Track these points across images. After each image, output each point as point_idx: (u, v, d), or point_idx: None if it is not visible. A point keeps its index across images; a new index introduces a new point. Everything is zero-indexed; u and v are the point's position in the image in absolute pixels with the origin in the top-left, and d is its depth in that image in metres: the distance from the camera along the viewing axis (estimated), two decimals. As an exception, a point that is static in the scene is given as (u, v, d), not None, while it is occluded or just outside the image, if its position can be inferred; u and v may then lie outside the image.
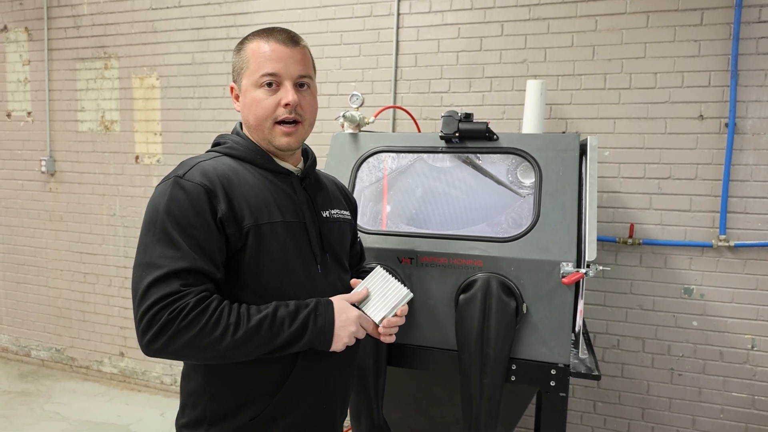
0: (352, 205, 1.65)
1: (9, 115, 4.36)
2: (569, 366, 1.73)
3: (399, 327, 1.44)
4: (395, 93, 3.28)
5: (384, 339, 1.42)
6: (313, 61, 1.43)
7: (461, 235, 1.86)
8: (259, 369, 1.28)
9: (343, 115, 2.15)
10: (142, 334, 1.15)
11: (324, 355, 1.33)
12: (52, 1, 4.10)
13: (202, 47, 3.70)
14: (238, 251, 1.26)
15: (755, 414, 2.79)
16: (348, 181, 2.05)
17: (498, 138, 1.98)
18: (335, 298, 1.34)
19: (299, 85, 1.35)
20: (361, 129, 2.23)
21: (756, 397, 2.78)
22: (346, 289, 1.46)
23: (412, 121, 2.92)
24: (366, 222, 2.03)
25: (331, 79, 3.39)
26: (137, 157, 3.98)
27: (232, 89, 1.40)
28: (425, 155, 2.09)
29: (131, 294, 1.20)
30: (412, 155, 2.11)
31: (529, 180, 1.98)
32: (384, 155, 2.13)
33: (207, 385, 1.31)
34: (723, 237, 2.72)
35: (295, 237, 1.34)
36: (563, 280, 1.65)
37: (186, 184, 1.23)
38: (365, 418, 1.89)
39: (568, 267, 1.69)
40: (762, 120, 2.66)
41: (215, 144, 1.43)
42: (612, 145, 2.88)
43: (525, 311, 1.74)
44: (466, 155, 2.05)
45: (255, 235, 1.26)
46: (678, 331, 2.87)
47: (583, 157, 1.93)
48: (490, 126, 1.98)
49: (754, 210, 2.70)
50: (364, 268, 1.68)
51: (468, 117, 1.99)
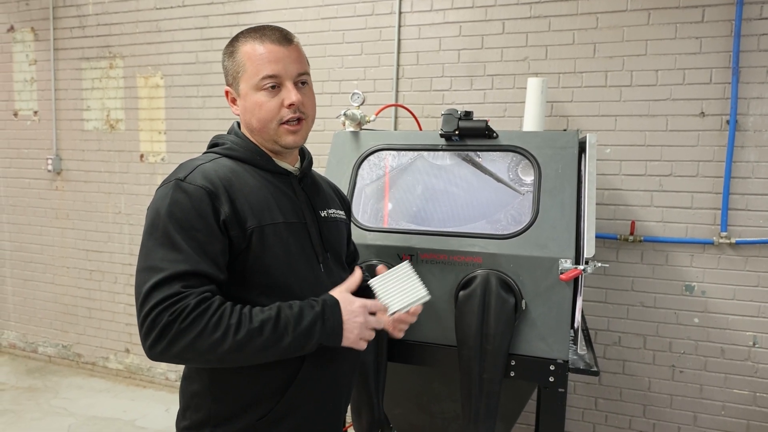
0: (346, 205, 1.66)
1: (16, 115, 4.40)
2: (568, 362, 1.74)
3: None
4: (397, 91, 3.29)
5: (393, 333, 1.43)
6: (305, 56, 1.43)
7: (461, 232, 1.87)
8: (266, 370, 1.28)
9: (344, 114, 2.17)
10: (144, 337, 1.14)
11: (332, 357, 1.34)
12: (57, 2, 4.13)
13: (205, 46, 3.72)
14: (241, 253, 1.25)
15: (757, 411, 2.79)
16: (349, 179, 2.07)
17: (497, 136, 1.99)
18: (338, 293, 1.31)
19: (300, 83, 1.35)
20: (362, 127, 2.25)
21: (757, 394, 2.78)
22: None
23: (413, 119, 2.93)
24: (367, 219, 2.05)
25: (333, 78, 3.41)
26: (142, 156, 4.01)
27: (227, 93, 1.39)
28: (425, 153, 2.11)
29: (135, 298, 1.18)
30: (412, 153, 2.12)
31: (530, 177, 1.99)
32: (385, 153, 2.14)
33: (212, 387, 1.30)
34: (724, 234, 2.72)
35: (298, 237, 1.35)
36: (561, 276, 1.67)
37: (188, 186, 1.23)
38: (366, 413, 1.91)
39: (566, 264, 1.70)
40: (763, 117, 2.66)
41: (213, 145, 1.42)
42: (613, 143, 2.89)
43: (524, 307, 1.76)
44: (466, 153, 2.07)
45: (258, 237, 1.26)
46: (679, 328, 2.87)
47: (582, 155, 1.95)
48: (490, 124, 2.00)
49: (755, 207, 2.70)
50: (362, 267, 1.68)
51: (468, 115, 2.00)
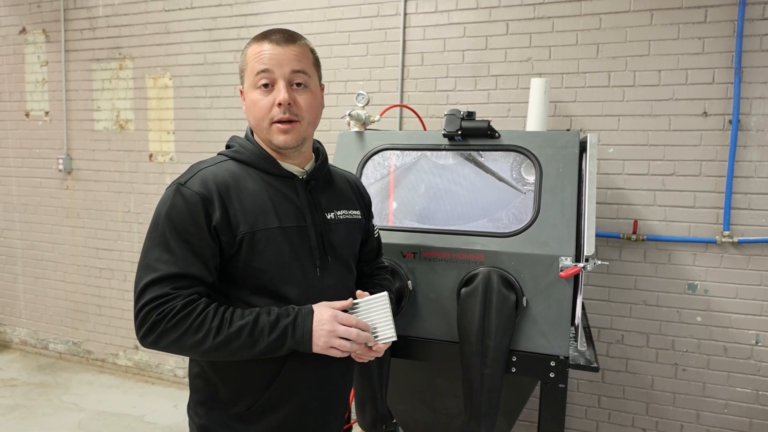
0: (365, 202, 1.63)
1: (27, 115, 4.48)
2: (568, 358, 1.78)
3: (401, 319, 1.48)
4: (402, 91, 3.33)
5: (356, 357, 1.42)
6: (316, 60, 1.42)
7: (463, 231, 1.91)
8: (251, 365, 1.34)
9: (349, 114, 2.20)
10: (137, 330, 1.26)
11: (315, 359, 1.36)
12: (68, 4, 4.20)
13: (213, 47, 3.77)
14: (232, 257, 1.31)
15: (759, 409, 2.81)
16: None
17: (499, 135, 2.03)
18: (318, 305, 1.33)
19: (296, 84, 1.35)
20: (367, 127, 2.28)
21: (760, 392, 2.80)
22: (347, 290, 1.46)
23: (418, 119, 2.97)
24: (371, 218, 2.09)
25: (340, 78, 3.45)
26: (151, 156, 4.07)
27: (241, 92, 1.43)
28: (429, 153, 2.14)
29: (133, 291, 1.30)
30: (416, 153, 2.16)
31: (533, 177, 2.02)
32: (389, 153, 2.18)
33: (207, 373, 1.40)
34: (727, 233, 2.74)
35: (293, 242, 1.36)
36: (561, 273, 1.70)
37: (185, 191, 1.30)
38: (369, 407, 1.95)
39: (566, 261, 1.73)
40: (766, 116, 2.68)
41: (226, 146, 1.47)
42: (616, 142, 2.91)
43: (525, 304, 1.79)
44: (468, 152, 2.10)
45: (249, 242, 1.31)
46: (682, 327, 2.89)
47: (583, 154, 1.97)
48: (493, 124, 2.03)
49: (757, 206, 2.72)
50: (380, 274, 1.68)
51: (470, 115, 2.03)
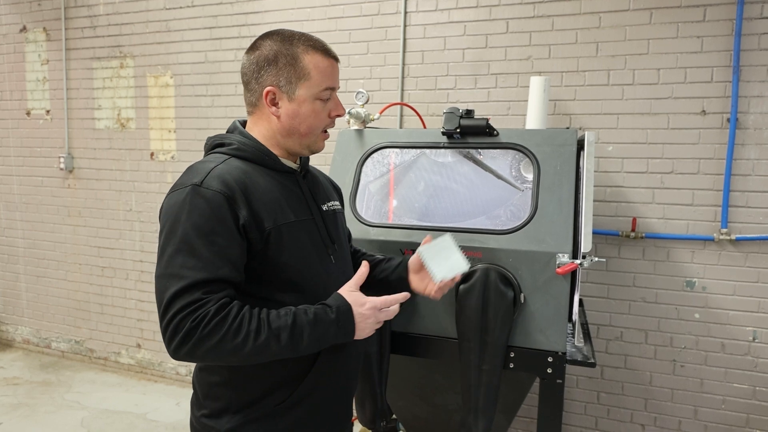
0: (339, 194, 1.71)
1: (29, 114, 4.49)
2: (566, 354, 1.79)
3: (401, 316, 1.51)
4: (402, 90, 3.34)
5: (435, 296, 1.57)
6: None
7: (461, 228, 1.93)
8: (285, 361, 1.33)
9: (349, 112, 2.22)
10: (168, 342, 1.20)
11: (345, 345, 1.41)
12: (69, 2, 4.22)
13: (214, 46, 3.79)
14: (258, 253, 1.30)
15: (756, 405, 2.83)
16: (353, 176, 2.13)
17: (498, 134, 2.04)
18: (348, 293, 1.37)
19: None
20: (367, 125, 2.30)
21: (757, 388, 2.82)
22: (352, 274, 1.50)
23: (418, 118, 2.98)
24: (370, 215, 2.11)
25: (340, 77, 3.44)
26: (152, 154, 4.09)
27: (270, 93, 1.37)
28: (428, 150, 2.16)
29: (156, 304, 1.23)
30: (415, 150, 2.18)
31: (532, 174, 2.04)
32: (388, 151, 2.19)
33: (232, 378, 1.35)
34: (725, 231, 2.76)
35: (309, 233, 1.40)
36: (557, 270, 1.72)
37: (205, 192, 1.25)
38: (369, 403, 1.97)
39: (563, 258, 1.75)
40: (764, 115, 2.69)
41: (217, 145, 1.43)
42: (615, 141, 2.92)
43: (522, 301, 1.80)
44: (467, 150, 2.11)
45: (276, 237, 1.31)
46: (680, 324, 2.91)
47: (581, 152, 1.99)
48: (494, 122, 2.04)
49: (755, 204, 2.73)
50: (363, 253, 1.76)
51: (469, 113, 2.05)
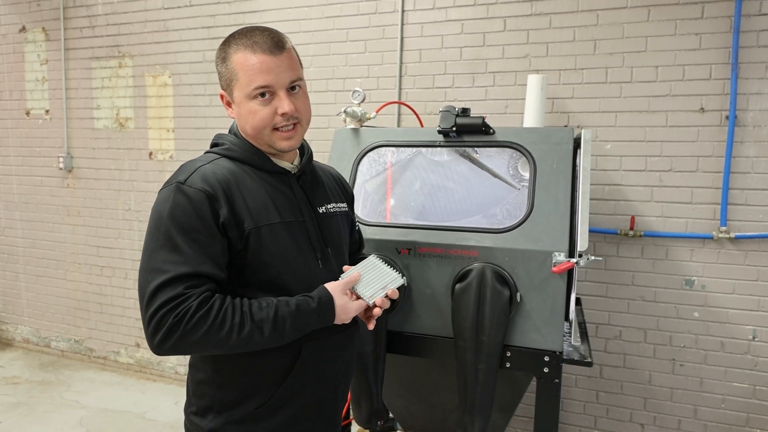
0: (348, 196, 1.68)
1: (28, 114, 4.50)
2: (562, 353, 1.78)
3: (397, 315, 1.50)
4: (400, 88, 3.33)
5: (369, 324, 1.48)
6: (299, 57, 1.43)
7: (457, 227, 1.92)
8: (265, 361, 1.35)
9: (345, 111, 2.21)
10: (151, 336, 1.21)
11: (325, 347, 1.41)
12: (68, 2, 4.21)
13: (212, 45, 3.78)
14: (239, 252, 1.31)
15: (756, 404, 2.81)
16: (349, 175, 2.12)
17: (494, 132, 2.03)
18: (333, 289, 1.37)
19: (291, 89, 1.36)
20: (363, 124, 2.29)
21: (757, 387, 2.81)
22: None
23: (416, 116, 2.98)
24: (366, 214, 2.10)
25: (338, 76, 3.46)
26: (151, 154, 4.09)
27: (222, 96, 1.41)
28: (424, 149, 2.15)
29: (138, 297, 1.25)
30: (411, 149, 2.17)
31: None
32: (385, 150, 2.19)
33: (215, 376, 1.37)
34: (724, 229, 2.74)
35: (295, 235, 1.39)
36: (553, 269, 1.71)
37: (188, 189, 1.27)
38: (365, 402, 1.96)
39: (560, 257, 1.74)
40: (762, 112, 2.68)
41: (214, 144, 1.45)
42: (613, 139, 2.91)
43: (519, 300, 1.80)
44: (463, 149, 2.11)
45: (255, 238, 1.31)
46: (679, 322, 2.90)
47: (578, 150, 1.98)
48: (492, 120, 2.03)
49: (754, 202, 2.72)
50: (361, 255, 1.73)
51: (465, 111, 2.04)
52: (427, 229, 1.94)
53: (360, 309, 1.41)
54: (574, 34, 2.94)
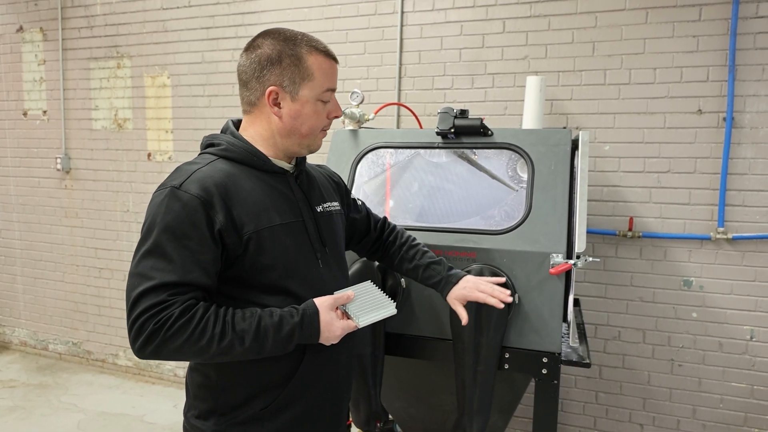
0: (341, 191, 1.68)
1: (25, 114, 4.49)
2: (560, 354, 1.78)
3: (395, 317, 1.50)
4: (399, 90, 3.34)
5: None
6: None
7: (456, 228, 1.92)
8: (269, 363, 1.33)
9: (344, 112, 2.21)
10: (132, 341, 1.21)
11: (331, 350, 1.40)
12: (66, 2, 4.21)
13: (211, 46, 3.79)
14: (239, 257, 1.29)
15: (754, 403, 2.82)
16: (348, 177, 2.12)
17: (492, 133, 2.04)
18: (321, 304, 1.35)
19: None
20: (362, 125, 2.29)
21: (755, 387, 2.81)
22: (345, 280, 1.53)
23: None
24: (365, 216, 2.10)
25: (337, 77, 3.45)
26: (149, 155, 4.09)
27: (272, 93, 1.36)
28: (423, 151, 2.15)
29: (125, 301, 1.24)
30: (410, 151, 2.17)
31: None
32: (383, 151, 2.19)
33: (218, 380, 1.36)
34: (721, 229, 2.75)
35: (295, 236, 1.38)
36: (551, 270, 1.71)
37: (182, 195, 1.25)
38: (364, 405, 1.96)
39: (557, 258, 1.74)
40: (759, 114, 2.69)
41: (208, 145, 1.42)
42: (612, 140, 2.92)
43: (517, 301, 1.80)
44: (461, 150, 2.11)
45: (256, 241, 1.29)
46: (678, 323, 2.90)
47: (576, 152, 1.98)
48: (491, 122, 2.04)
49: (752, 203, 2.73)
50: (397, 237, 1.76)
51: (463, 113, 2.05)
52: (426, 231, 1.94)
53: (347, 329, 1.37)
54: (572, 35, 2.95)
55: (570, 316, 1.85)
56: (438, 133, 2.05)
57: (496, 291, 1.62)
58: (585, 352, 1.88)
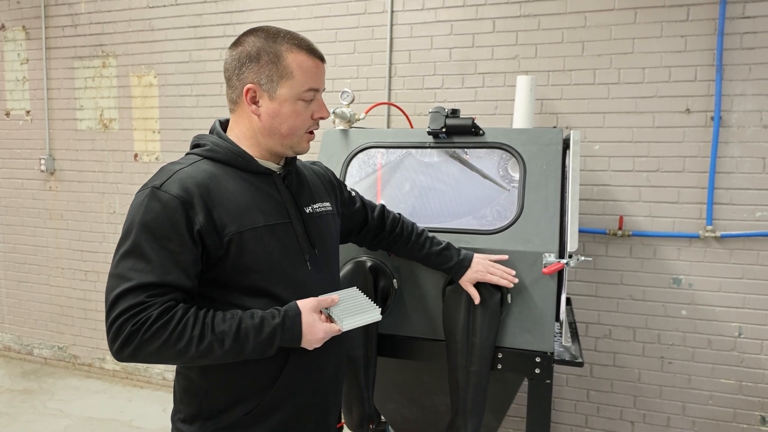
0: (334, 190, 1.65)
1: (8, 114, 4.41)
2: (553, 353, 1.78)
3: (388, 318, 1.48)
4: (390, 89, 3.32)
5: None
6: None
7: (448, 228, 1.91)
8: (252, 367, 1.32)
9: (334, 112, 2.19)
10: (110, 344, 1.19)
11: (316, 354, 1.37)
12: (49, 0, 4.14)
13: (198, 45, 3.75)
14: (220, 259, 1.27)
15: (743, 399, 2.85)
16: (339, 177, 2.10)
17: (484, 133, 2.03)
18: (304, 305, 1.32)
19: None
20: (352, 125, 2.28)
21: (743, 383, 2.84)
22: (335, 282, 1.51)
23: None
24: (357, 216, 2.08)
25: (327, 76, 3.40)
26: (136, 155, 4.03)
27: (250, 91, 1.34)
28: (414, 150, 2.14)
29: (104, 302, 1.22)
30: (401, 150, 2.16)
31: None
32: (374, 151, 2.17)
33: (202, 382, 1.34)
34: (710, 228, 2.77)
35: (280, 238, 1.36)
36: (543, 270, 1.71)
37: (162, 195, 1.23)
38: (356, 407, 1.95)
39: (550, 257, 1.74)
40: (746, 113, 2.71)
41: (195, 145, 1.41)
42: (601, 139, 2.93)
43: (509, 301, 1.80)
44: (453, 150, 2.10)
45: (237, 243, 1.27)
46: (667, 320, 2.92)
47: (567, 151, 1.98)
48: (481, 121, 2.03)
49: (739, 201, 2.75)
50: (403, 228, 1.79)
51: (455, 113, 2.04)
52: (418, 231, 1.92)
53: (330, 333, 1.33)
54: (562, 35, 2.95)
55: (563, 315, 1.85)
56: (429, 133, 2.04)
57: (505, 273, 1.75)
58: (577, 351, 1.88)
